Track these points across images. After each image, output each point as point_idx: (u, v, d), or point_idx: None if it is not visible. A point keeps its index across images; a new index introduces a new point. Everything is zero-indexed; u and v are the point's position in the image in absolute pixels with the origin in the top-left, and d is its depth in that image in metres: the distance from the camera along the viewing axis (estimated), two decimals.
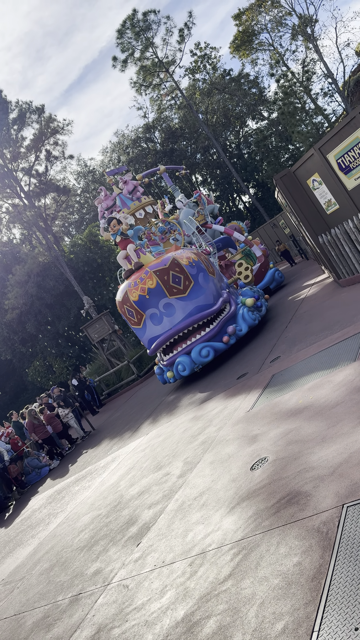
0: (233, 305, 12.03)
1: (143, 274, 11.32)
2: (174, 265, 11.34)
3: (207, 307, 11.41)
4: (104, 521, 6.12)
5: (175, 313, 11.32)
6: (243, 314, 11.83)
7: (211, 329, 11.34)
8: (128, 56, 45.80)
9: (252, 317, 11.80)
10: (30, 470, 13.94)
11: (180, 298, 11.32)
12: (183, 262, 11.40)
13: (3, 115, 41.93)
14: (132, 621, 3.54)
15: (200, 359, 11.08)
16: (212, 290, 11.74)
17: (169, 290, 11.26)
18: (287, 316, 11.33)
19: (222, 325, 11.50)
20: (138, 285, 11.34)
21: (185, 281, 11.36)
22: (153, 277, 11.20)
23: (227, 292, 12.32)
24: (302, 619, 2.48)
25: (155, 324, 11.55)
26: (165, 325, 11.40)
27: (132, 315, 11.78)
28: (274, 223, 32.48)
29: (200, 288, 11.52)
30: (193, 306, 11.31)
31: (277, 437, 4.92)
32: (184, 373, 11.41)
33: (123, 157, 51.59)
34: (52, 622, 4.44)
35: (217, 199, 54.54)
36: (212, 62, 49.54)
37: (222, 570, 3.35)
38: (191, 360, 11.17)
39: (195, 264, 11.62)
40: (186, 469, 5.90)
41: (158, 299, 11.31)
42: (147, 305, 11.40)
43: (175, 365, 11.48)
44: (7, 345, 39.16)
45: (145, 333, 11.80)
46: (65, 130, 45.11)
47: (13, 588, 6.17)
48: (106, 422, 15.74)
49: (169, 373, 11.96)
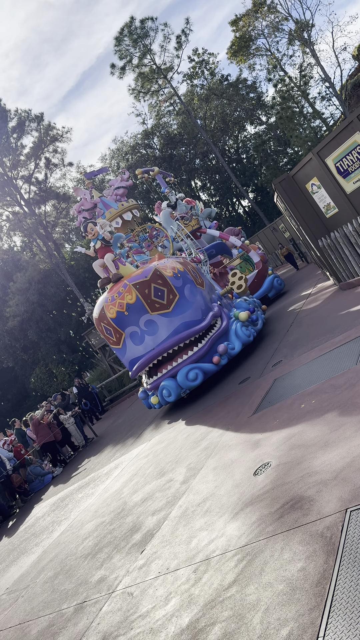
0: (225, 320, 10.83)
1: (121, 287, 10.09)
2: (155, 277, 10.10)
3: (194, 324, 10.17)
4: (108, 528, 6.11)
5: (159, 331, 10.04)
6: (236, 329, 10.70)
7: (199, 348, 10.09)
8: (126, 63, 46.11)
9: (247, 333, 10.67)
10: (34, 478, 13.92)
11: (163, 314, 10.05)
12: (166, 273, 10.17)
13: (2, 123, 42.16)
14: (137, 629, 3.53)
15: (187, 383, 9.88)
16: (200, 304, 10.48)
17: (151, 305, 10.00)
18: (288, 320, 11.33)
19: (213, 344, 10.30)
20: (115, 300, 10.08)
21: (169, 295, 10.10)
22: (132, 291, 9.97)
23: (219, 305, 11.11)
24: (307, 625, 2.48)
25: (136, 343, 10.23)
26: (147, 345, 10.11)
27: (110, 334, 10.49)
28: (273, 227, 32.54)
29: (187, 302, 10.26)
30: (179, 323, 10.05)
31: (280, 442, 4.92)
32: (169, 399, 10.22)
33: (122, 163, 51.77)
34: (57, 630, 4.43)
35: (216, 204, 54.67)
36: (210, 68, 49.83)
37: (226, 577, 3.34)
38: (177, 385, 9.99)
39: (180, 275, 10.38)
40: (189, 475, 5.89)
41: (138, 316, 10.06)
42: (126, 322, 10.14)
43: (160, 390, 10.30)
44: (9, 352, 39.21)
45: (126, 354, 10.48)
46: (65, 138, 45.41)
47: (17, 597, 6.16)
48: (109, 429, 15.72)
49: (153, 398, 10.75)
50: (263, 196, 51.67)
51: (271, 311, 14.60)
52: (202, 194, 56.02)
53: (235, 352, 10.36)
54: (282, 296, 16.72)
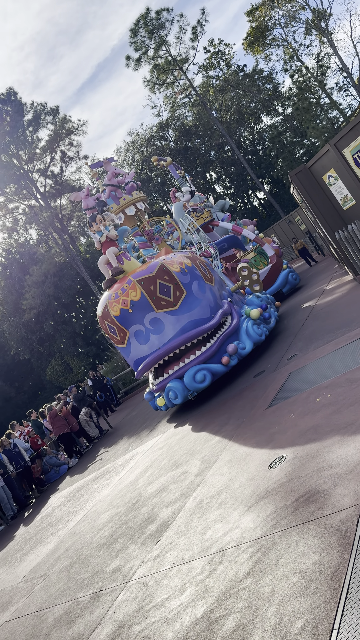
0: (235, 318, 10.33)
1: (125, 283, 9.68)
2: (162, 272, 9.59)
3: (203, 322, 9.67)
4: (123, 519, 6.17)
5: (165, 330, 9.57)
6: (247, 328, 10.23)
7: (208, 348, 9.62)
8: (141, 55, 45.95)
9: (258, 332, 10.23)
10: (50, 469, 14.09)
11: (170, 312, 9.58)
12: (173, 269, 9.67)
13: (18, 117, 42.36)
14: (152, 618, 3.57)
15: (195, 385, 9.42)
16: (209, 300, 9.99)
17: (156, 302, 9.53)
18: (303, 315, 11.26)
19: (222, 343, 9.84)
20: (119, 297, 9.62)
21: (175, 291, 9.60)
22: (137, 287, 9.50)
23: (229, 302, 10.64)
24: (321, 617, 2.49)
25: (141, 342, 9.77)
26: (153, 344, 9.63)
27: (114, 332, 10.07)
28: (289, 219, 32.30)
29: (195, 299, 9.77)
30: (186, 321, 9.57)
31: (295, 435, 4.91)
32: (175, 401, 9.81)
33: (137, 156, 51.70)
34: (73, 618, 4.50)
35: (231, 196, 54.38)
36: (226, 59, 49.41)
37: (241, 568, 3.36)
38: (184, 386, 9.54)
39: (188, 271, 9.88)
40: (204, 467, 5.92)
41: (143, 314, 9.59)
42: (130, 320, 9.68)
43: (166, 392, 9.88)
44: (25, 345, 39.63)
45: (131, 353, 10.03)
46: (80, 131, 45.45)
47: (34, 585, 6.26)
48: (123, 421, 15.83)
49: (159, 400, 10.33)
50: (279, 188, 51.26)
51: (285, 307, 14.18)
52: (217, 186, 55.77)
53: (246, 352, 9.95)
54: (297, 291, 16.16)
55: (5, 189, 43.90)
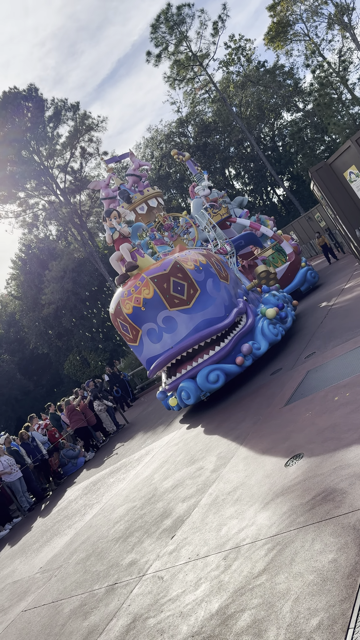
0: (251, 317, 10.13)
1: (138, 281, 9.52)
2: (175, 270, 9.43)
3: (217, 321, 9.47)
4: (139, 513, 6.22)
5: (178, 328, 9.39)
6: (262, 328, 10.00)
7: (222, 347, 9.44)
8: (162, 50, 45.87)
9: (274, 332, 10.01)
10: (67, 462, 14.24)
11: (183, 310, 9.40)
12: (187, 267, 9.50)
13: (39, 113, 42.69)
14: (167, 612, 3.60)
15: (208, 385, 9.22)
16: (223, 299, 9.77)
17: (169, 300, 9.35)
18: (322, 313, 11.16)
19: (236, 343, 9.63)
20: (132, 294, 9.48)
21: (189, 289, 9.43)
22: (150, 285, 9.35)
23: (244, 300, 10.41)
24: (337, 616, 2.48)
25: (153, 341, 9.61)
26: (165, 343, 9.46)
27: (126, 330, 9.94)
28: (309, 216, 32.01)
29: (209, 297, 9.57)
30: (199, 320, 9.38)
31: (312, 434, 4.88)
32: (188, 401, 9.59)
33: (156, 152, 51.70)
34: (89, 610, 4.55)
35: (250, 193, 54.09)
36: (247, 54, 49.06)
37: (256, 565, 3.36)
38: (196, 387, 9.35)
39: (203, 268, 9.71)
40: (220, 463, 5.92)
41: (156, 312, 9.43)
42: (143, 319, 9.55)
43: (179, 392, 9.70)
44: (44, 339, 40.03)
45: (143, 352, 9.88)
46: (100, 127, 45.60)
47: (51, 576, 6.34)
48: (140, 416, 15.91)
49: (171, 400, 10.26)
50: (299, 185, 50.81)
51: (303, 306, 13.92)
52: (236, 182, 55.50)
53: (261, 353, 9.73)
54: (315, 289, 15.83)
55: (26, 184, 44.33)
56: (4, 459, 12.67)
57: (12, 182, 43.20)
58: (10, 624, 5.75)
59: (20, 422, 27.90)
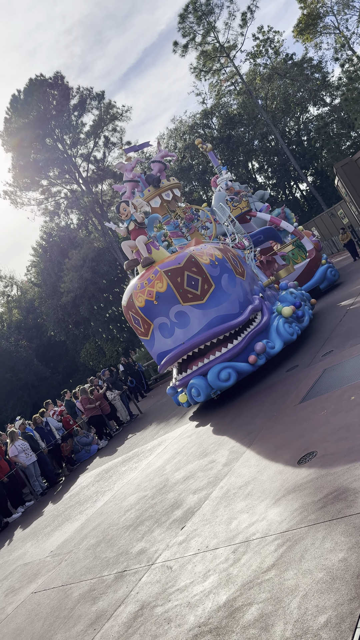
0: (266, 315, 9.90)
1: (152, 274, 9.32)
2: (190, 264, 9.22)
3: (230, 318, 9.26)
4: (150, 502, 6.27)
5: (190, 324, 9.19)
6: (278, 326, 9.76)
7: (234, 345, 9.22)
8: (189, 41, 45.49)
9: (289, 331, 9.76)
10: (80, 448, 14.39)
11: (196, 305, 9.19)
12: (202, 261, 9.30)
13: (64, 101, 42.79)
14: (174, 601, 3.63)
15: (219, 383, 9.04)
16: (238, 295, 9.55)
17: (183, 295, 9.16)
18: (341, 312, 11.05)
19: (250, 341, 9.40)
20: (145, 288, 9.33)
21: (203, 284, 9.22)
22: (163, 278, 9.14)
23: (260, 297, 10.17)
24: (345, 615, 2.48)
25: (165, 336, 9.44)
26: (177, 338, 9.27)
27: (138, 324, 9.77)
28: (332, 212, 31.62)
29: (224, 293, 9.35)
30: (213, 316, 9.17)
31: (327, 432, 4.86)
32: (198, 399, 9.46)
33: (180, 143, 51.47)
34: (98, 595, 4.62)
35: (273, 187, 53.59)
36: (275, 47, 48.38)
37: (265, 560, 3.37)
38: (207, 384, 9.16)
39: (218, 263, 9.48)
40: (232, 457, 5.93)
41: (169, 306, 9.25)
42: (155, 313, 9.37)
43: (189, 388, 9.55)
44: (62, 327, 40.36)
45: (154, 346, 9.73)
46: (124, 117, 45.52)
47: (61, 560, 6.44)
48: (153, 407, 15.98)
49: (181, 396, 10.07)
50: (322, 180, 50.16)
51: (322, 304, 13.60)
52: (258, 176, 55.02)
53: (275, 352, 9.49)
54: (335, 288, 15.39)
55: (49, 172, 44.56)
56: (19, 444, 12.86)
57: (36, 169, 43.47)
58: (20, 604, 5.86)
59: (35, 408, 28.25)
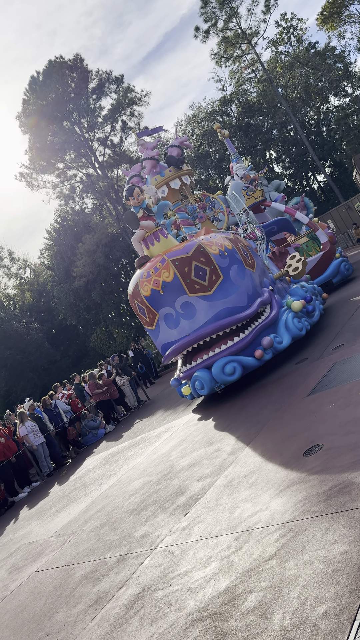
0: (275, 309, 9.68)
1: (159, 262, 9.12)
2: (198, 253, 8.99)
3: (238, 310, 9.03)
4: (154, 488, 6.32)
5: (196, 315, 9.00)
6: (287, 321, 9.53)
7: (241, 338, 8.99)
8: (210, 26, 44.86)
9: (298, 326, 9.52)
10: (87, 432, 14.53)
11: (203, 297, 8.99)
12: (211, 251, 9.06)
13: (83, 84, 42.56)
14: (175, 586, 3.67)
15: (223, 377, 8.85)
16: (247, 288, 9.31)
17: (190, 285, 8.95)
18: (353, 306, 10.96)
19: (257, 335, 9.18)
20: (151, 276, 9.09)
21: (211, 275, 9.00)
22: (170, 267, 8.92)
23: (269, 290, 9.93)
24: (344, 606, 2.49)
25: (170, 326, 9.25)
26: (182, 330, 9.09)
27: (143, 313, 9.62)
28: (348, 205, 31.26)
29: (232, 285, 9.12)
30: (220, 308, 8.95)
31: (334, 426, 4.84)
32: (201, 392, 9.30)
33: (197, 130, 51.03)
34: (100, 576, 4.69)
35: (290, 177, 53.06)
36: (297, 35, 47.57)
37: (267, 549, 3.39)
38: (211, 378, 9.02)
39: (228, 254, 9.24)
40: (237, 447, 5.95)
41: (175, 296, 9.04)
42: (161, 302, 9.18)
43: (193, 381, 9.41)
44: (73, 311, 40.57)
45: (159, 337, 9.56)
46: (142, 102, 45.18)
47: (65, 541, 6.53)
48: (161, 394, 16.05)
49: (184, 389, 9.99)
50: (340, 172, 49.57)
51: (333, 299, 13.35)
52: (276, 165, 54.46)
53: (283, 347, 9.28)
54: (348, 282, 15.09)
55: (65, 156, 44.48)
56: (28, 424, 13.02)
57: (52, 152, 43.41)
58: (23, 582, 5.97)
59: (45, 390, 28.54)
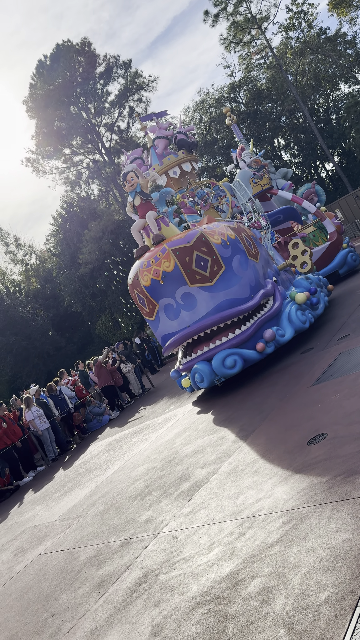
0: (278, 301, 9.45)
1: (159, 252, 8.89)
2: (200, 243, 8.77)
3: (240, 302, 8.81)
4: (158, 474, 6.37)
5: (197, 306, 8.79)
6: (290, 313, 9.32)
7: (242, 331, 8.79)
8: (220, 10, 44.19)
9: (302, 319, 9.30)
10: (92, 418, 14.64)
11: (204, 287, 8.77)
12: (213, 240, 8.83)
13: (90, 69, 42.17)
14: (178, 570, 3.72)
15: (223, 370, 8.67)
16: (249, 279, 9.07)
17: (190, 276, 8.73)
18: (359, 298, 10.92)
19: (259, 327, 9.00)
20: (151, 266, 8.89)
21: (213, 265, 8.78)
22: (171, 257, 8.71)
23: (273, 282, 9.69)
24: (346, 593, 2.51)
25: (170, 317, 9.05)
26: (183, 321, 8.89)
27: (143, 303, 9.41)
28: (357, 194, 30.99)
29: (234, 276, 8.89)
30: (221, 299, 8.75)
31: (338, 415, 4.86)
32: (201, 385, 9.15)
33: (205, 116, 50.56)
34: (104, 560, 4.75)
35: (298, 165, 52.60)
36: (308, 20, 46.80)
37: (270, 536, 3.42)
38: (211, 370, 8.84)
39: (230, 244, 8.99)
40: (242, 434, 5.98)
41: (175, 287, 8.84)
42: (161, 293, 8.98)
43: (192, 373, 9.26)
44: (78, 298, 40.60)
45: (159, 327, 9.37)
46: (150, 87, 44.76)
47: (69, 525, 6.61)
48: (166, 382, 16.10)
49: (184, 381, 9.91)
50: (350, 161, 49.08)
51: (339, 290, 13.16)
52: (284, 153, 53.97)
53: (285, 340, 9.08)
54: (355, 274, 14.72)
55: (72, 141, 44.21)
56: (34, 409, 13.12)
57: (59, 137, 43.15)
58: (28, 564, 6.06)
59: (50, 377, 28.70)
